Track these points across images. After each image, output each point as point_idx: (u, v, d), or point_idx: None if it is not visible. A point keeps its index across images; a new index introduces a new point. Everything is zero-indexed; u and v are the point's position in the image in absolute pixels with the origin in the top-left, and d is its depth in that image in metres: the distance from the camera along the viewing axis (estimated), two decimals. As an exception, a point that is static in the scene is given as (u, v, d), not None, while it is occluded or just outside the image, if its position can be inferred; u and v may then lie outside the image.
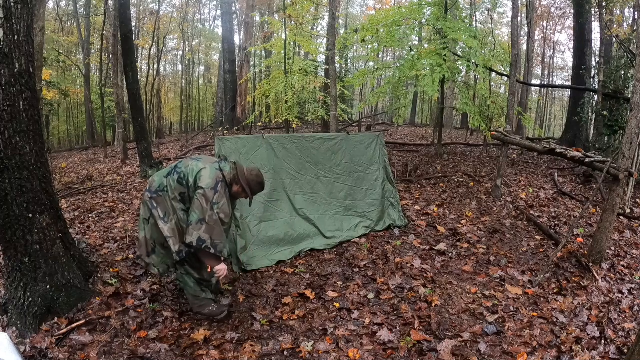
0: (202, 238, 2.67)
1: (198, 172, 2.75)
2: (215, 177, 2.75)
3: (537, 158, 9.51)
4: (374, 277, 3.69)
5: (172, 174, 2.83)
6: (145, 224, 2.86)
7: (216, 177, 2.76)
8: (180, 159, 2.99)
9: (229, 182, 2.85)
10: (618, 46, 9.81)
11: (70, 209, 5.64)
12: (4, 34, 2.53)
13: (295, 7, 12.15)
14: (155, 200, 2.80)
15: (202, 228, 2.67)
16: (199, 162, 2.85)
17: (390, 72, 9.93)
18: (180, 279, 2.96)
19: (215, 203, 2.71)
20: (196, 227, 2.67)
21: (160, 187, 2.82)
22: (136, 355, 2.57)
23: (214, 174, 2.76)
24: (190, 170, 2.78)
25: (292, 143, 4.41)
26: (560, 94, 27.22)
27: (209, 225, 2.69)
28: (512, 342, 2.76)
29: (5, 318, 2.78)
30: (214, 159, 2.98)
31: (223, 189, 2.77)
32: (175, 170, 2.84)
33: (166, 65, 27.07)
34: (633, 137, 3.68)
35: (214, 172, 2.78)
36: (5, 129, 2.58)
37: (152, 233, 2.84)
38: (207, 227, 2.69)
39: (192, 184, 2.74)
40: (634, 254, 4.29)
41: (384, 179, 5.05)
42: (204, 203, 2.68)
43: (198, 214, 2.67)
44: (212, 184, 2.71)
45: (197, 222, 2.67)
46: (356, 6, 27.39)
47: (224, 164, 2.89)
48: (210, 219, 2.69)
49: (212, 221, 2.70)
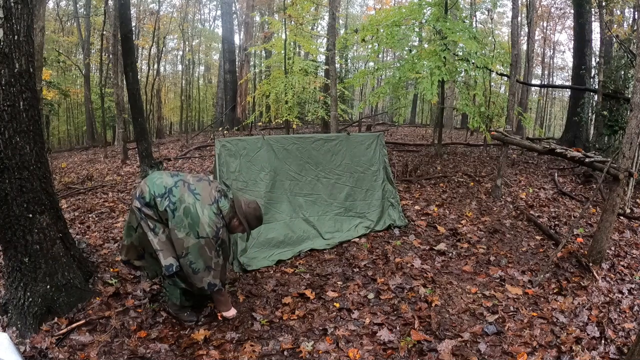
0: (212, 283, 2.75)
1: (196, 217, 2.61)
2: (215, 224, 2.67)
3: (537, 158, 9.51)
4: (374, 277, 3.69)
5: (164, 199, 2.65)
6: (132, 231, 2.77)
7: (216, 224, 2.68)
8: (177, 173, 2.86)
9: (227, 220, 2.82)
10: (618, 46, 9.81)
11: (70, 209, 5.64)
12: (4, 34, 2.53)
13: (295, 7, 12.14)
14: (144, 212, 2.67)
15: (210, 274, 2.72)
16: (196, 199, 2.66)
17: (390, 72, 9.93)
18: (167, 288, 2.91)
19: (217, 249, 2.72)
20: (204, 274, 2.70)
21: (150, 201, 2.67)
22: (136, 355, 2.57)
23: (213, 221, 2.66)
24: (185, 209, 2.62)
25: (292, 144, 4.40)
26: (560, 94, 27.23)
27: (216, 270, 2.75)
28: (512, 342, 2.76)
29: (5, 318, 2.78)
30: (213, 192, 2.76)
31: (224, 234, 2.77)
32: (169, 197, 2.66)
33: (166, 65, 27.09)
34: (633, 137, 3.67)
35: (214, 219, 2.67)
36: (5, 129, 2.58)
37: (140, 241, 2.78)
38: (215, 273, 2.75)
39: (187, 226, 2.61)
40: (634, 254, 4.29)
41: (384, 179, 5.05)
42: (208, 252, 2.67)
43: (203, 263, 2.67)
44: (214, 232, 2.66)
45: (205, 270, 2.69)
46: (356, 6, 27.43)
47: (223, 202, 2.76)
48: (217, 265, 2.74)
49: (218, 266, 2.75)
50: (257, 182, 4.09)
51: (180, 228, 2.62)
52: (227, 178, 3.85)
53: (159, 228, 2.69)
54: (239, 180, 3.96)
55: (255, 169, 4.11)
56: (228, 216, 2.80)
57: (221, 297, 2.93)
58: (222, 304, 2.94)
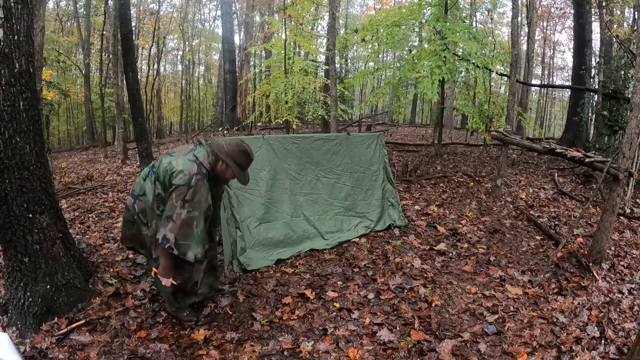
0: (166, 237, 2.52)
1: (172, 170, 2.55)
2: (188, 170, 2.52)
3: (537, 158, 9.51)
4: (374, 277, 3.69)
5: (149, 175, 2.69)
6: (130, 224, 2.83)
7: (189, 170, 2.52)
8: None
9: (209, 166, 2.61)
10: (618, 46, 9.81)
11: (70, 209, 5.64)
12: (4, 34, 2.53)
13: (295, 7, 12.15)
14: (137, 205, 2.73)
15: (168, 226, 2.51)
16: (172, 157, 2.65)
17: (390, 72, 9.94)
18: (158, 285, 2.90)
19: (187, 201, 2.50)
20: (163, 224, 2.53)
21: (140, 190, 2.71)
22: (136, 355, 2.57)
23: (187, 167, 2.53)
24: (164, 169, 2.60)
25: (292, 143, 4.40)
26: (560, 94, 27.23)
27: (175, 223, 2.51)
28: (512, 342, 2.76)
29: (5, 318, 2.78)
30: (189, 147, 2.73)
31: (198, 183, 2.53)
32: (152, 170, 2.70)
33: (166, 65, 27.09)
34: (633, 137, 3.67)
35: (187, 165, 2.55)
36: (5, 129, 2.58)
37: (137, 234, 2.84)
38: (173, 226, 2.51)
39: (168, 184, 2.57)
40: (634, 254, 4.29)
41: (384, 179, 5.05)
42: (175, 201, 2.50)
43: (167, 211, 2.53)
44: (185, 179, 2.50)
45: (165, 219, 2.53)
46: (356, 6, 27.42)
47: (198, 149, 2.64)
48: (178, 218, 2.51)
49: (179, 220, 2.51)
50: (257, 182, 4.09)
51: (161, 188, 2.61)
52: (227, 178, 3.85)
53: (150, 222, 2.72)
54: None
55: (255, 168, 4.10)
56: (208, 161, 2.61)
57: (166, 261, 2.61)
58: (163, 268, 2.63)
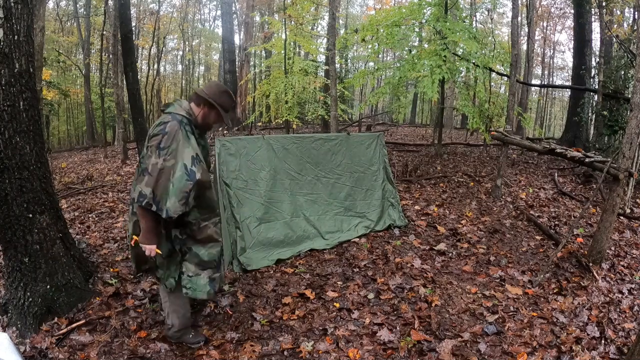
0: (142, 192, 2.20)
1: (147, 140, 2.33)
2: (163, 124, 2.28)
3: (537, 158, 9.51)
4: (374, 277, 3.69)
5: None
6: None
7: (161, 121, 2.31)
8: None
9: (187, 114, 2.38)
10: (618, 46, 9.81)
11: (70, 209, 5.64)
12: (4, 34, 2.53)
13: (295, 7, 12.15)
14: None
15: (144, 180, 2.21)
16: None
17: (390, 72, 9.94)
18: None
19: (162, 148, 2.22)
20: (138, 180, 2.25)
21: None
22: (136, 355, 2.57)
23: (162, 122, 2.31)
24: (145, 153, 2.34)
25: (292, 143, 4.40)
26: (560, 94, 27.23)
27: (151, 176, 2.21)
28: (512, 342, 2.76)
29: (5, 318, 2.78)
30: None
31: (174, 129, 2.27)
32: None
33: (166, 65, 27.11)
34: (633, 137, 3.67)
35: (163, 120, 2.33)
36: (5, 129, 2.58)
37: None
38: (149, 179, 2.20)
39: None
40: (634, 254, 4.29)
41: (384, 179, 5.05)
42: (148, 151, 2.26)
43: (142, 165, 2.27)
44: (159, 128, 2.27)
45: (140, 174, 2.26)
46: (356, 6, 27.44)
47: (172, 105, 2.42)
48: (154, 168, 2.21)
49: (155, 170, 2.21)
50: (257, 182, 4.09)
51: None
52: (227, 177, 3.85)
53: None
54: (239, 180, 3.96)
55: (255, 168, 4.11)
56: (187, 111, 2.38)
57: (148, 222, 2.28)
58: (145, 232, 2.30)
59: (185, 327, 2.66)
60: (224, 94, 2.47)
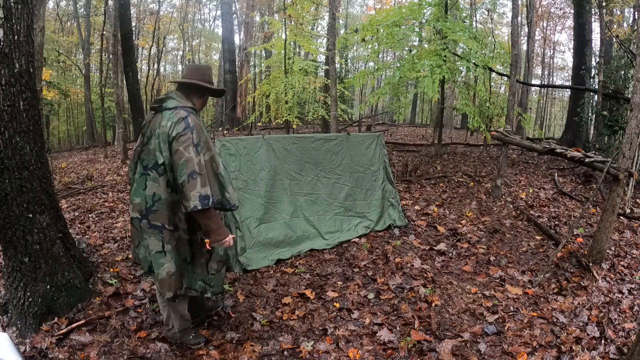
0: (202, 194, 2.06)
1: (165, 131, 2.13)
2: (178, 119, 2.12)
3: (537, 158, 9.51)
4: (374, 277, 3.69)
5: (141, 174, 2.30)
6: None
7: (179, 116, 2.14)
8: None
9: (189, 103, 2.27)
10: (618, 46, 9.81)
11: (70, 209, 5.63)
12: (4, 34, 2.53)
13: (295, 7, 12.15)
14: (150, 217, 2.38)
15: (197, 182, 2.05)
16: (155, 136, 2.21)
17: (390, 72, 9.94)
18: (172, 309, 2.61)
19: (197, 144, 2.10)
20: (190, 186, 2.05)
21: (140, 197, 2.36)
22: (136, 355, 2.57)
23: (175, 116, 2.14)
24: (158, 141, 2.14)
25: (292, 144, 4.41)
26: (560, 94, 27.24)
27: (201, 175, 2.08)
28: (512, 342, 2.76)
29: (5, 318, 2.78)
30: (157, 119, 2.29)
31: (195, 120, 2.16)
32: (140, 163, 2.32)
33: (166, 65, 27.11)
34: (633, 137, 3.67)
35: (174, 114, 2.15)
36: (5, 129, 2.58)
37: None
38: (202, 179, 2.08)
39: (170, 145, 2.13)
40: (634, 254, 4.29)
41: (384, 179, 5.05)
42: (185, 152, 2.06)
43: (183, 170, 2.06)
44: (180, 127, 2.09)
45: (187, 180, 2.05)
46: (356, 6, 27.44)
47: (167, 103, 2.24)
48: (201, 166, 2.08)
49: (202, 168, 2.09)
50: (257, 182, 4.09)
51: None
52: (227, 178, 3.85)
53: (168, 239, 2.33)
54: (239, 180, 3.96)
55: (255, 168, 4.11)
56: (180, 103, 2.25)
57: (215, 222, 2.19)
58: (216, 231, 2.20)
59: (186, 328, 2.66)
60: (202, 69, 2.39)
